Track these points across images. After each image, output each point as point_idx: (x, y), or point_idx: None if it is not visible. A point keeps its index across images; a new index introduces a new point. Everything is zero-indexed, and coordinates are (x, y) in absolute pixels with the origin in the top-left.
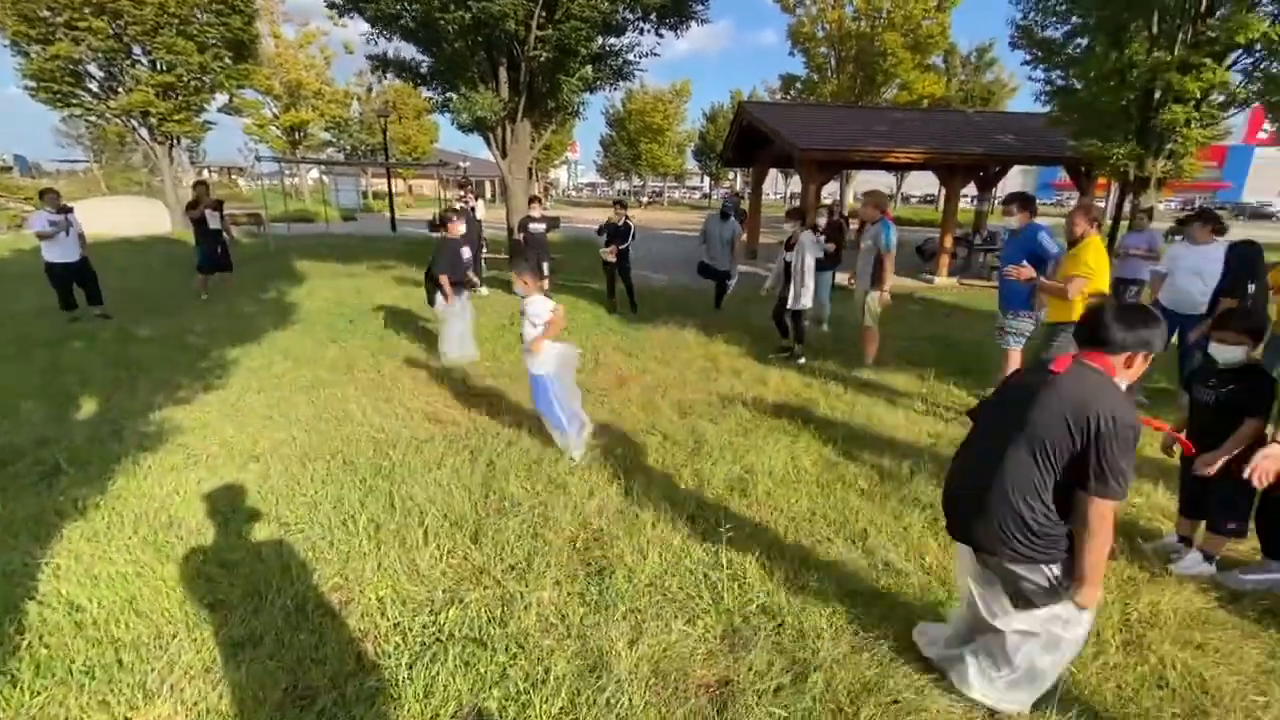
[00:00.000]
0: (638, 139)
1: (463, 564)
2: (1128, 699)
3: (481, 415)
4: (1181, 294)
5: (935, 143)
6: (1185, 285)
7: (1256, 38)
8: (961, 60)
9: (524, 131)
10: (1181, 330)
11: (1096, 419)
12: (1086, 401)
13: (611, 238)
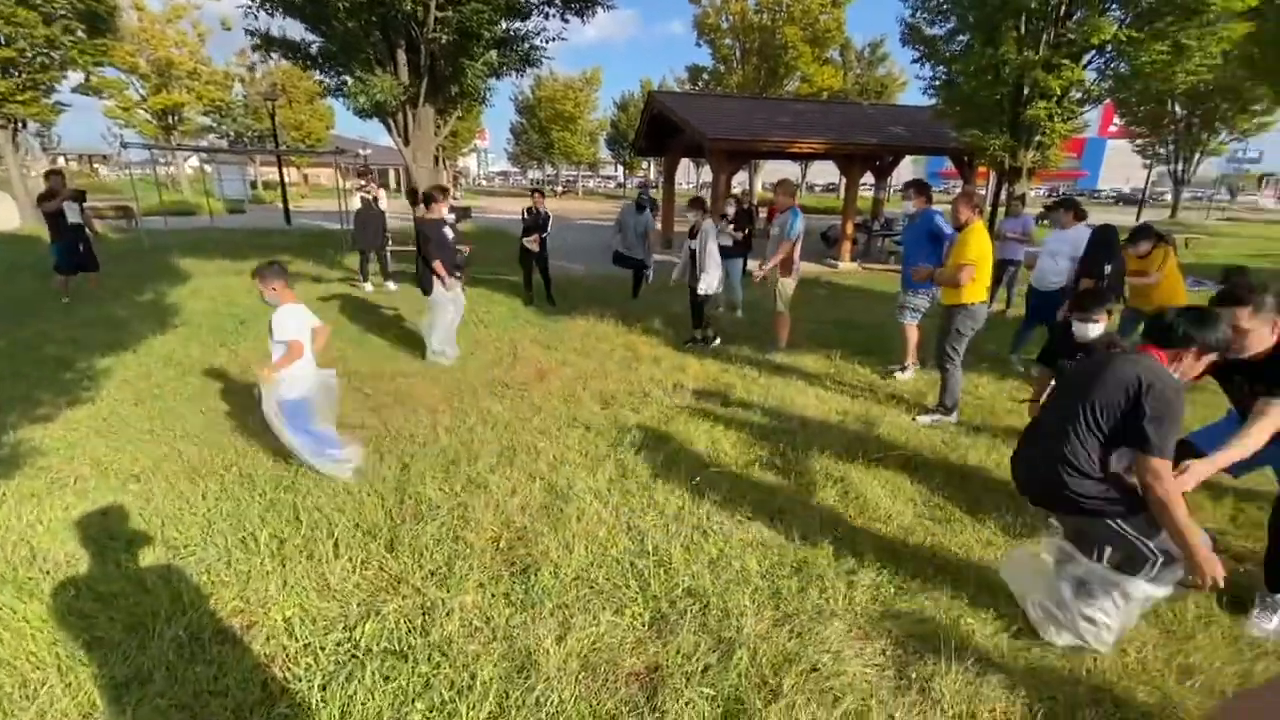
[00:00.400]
0: (549, 127)
1: (378, 574)
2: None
3: (393, 416)
4: (1042, 273)
5: (834, 134)
6: (1045, 265)
7: (1108, 39)
8: (857, 55)
9: (427, 117)
10: (1050, 307)
11: (1146, 384)
12: (1139, 372)
13: (531, 227)
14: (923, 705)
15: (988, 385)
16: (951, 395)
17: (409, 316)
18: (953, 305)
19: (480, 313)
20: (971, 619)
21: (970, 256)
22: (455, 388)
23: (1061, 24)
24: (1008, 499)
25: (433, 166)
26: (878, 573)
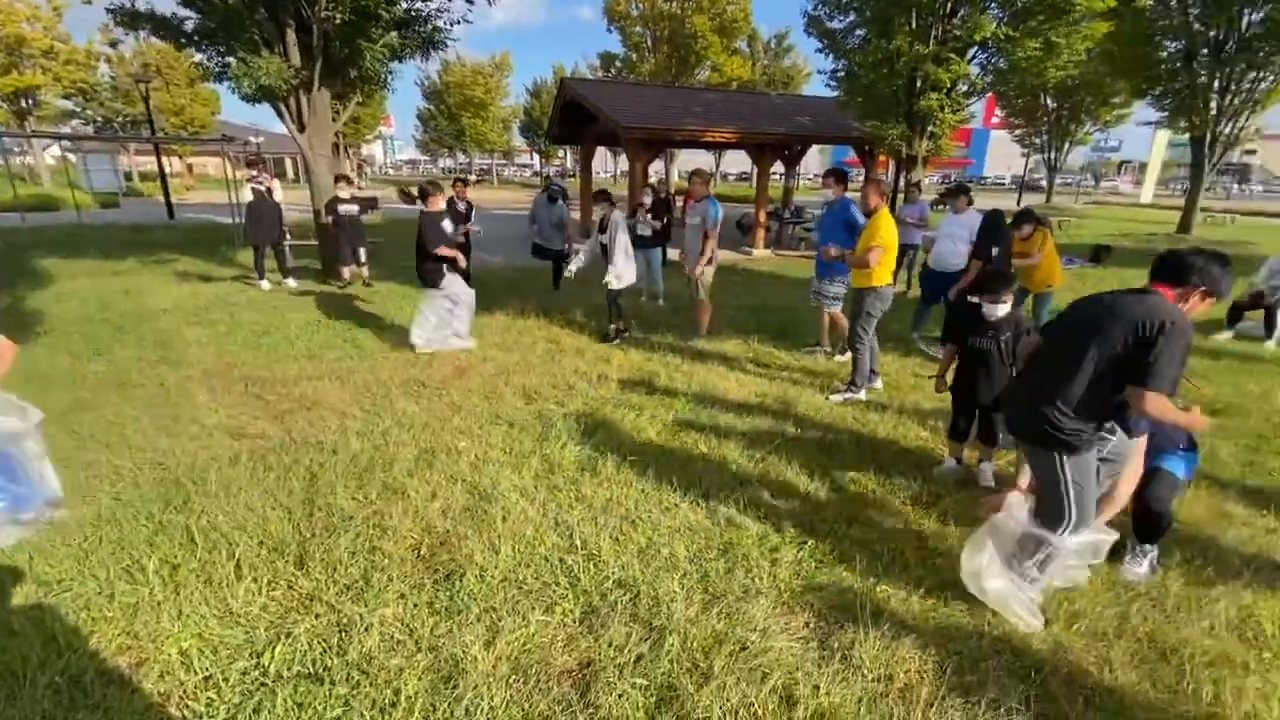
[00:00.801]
0: (459, 113)
1: (288, 594)
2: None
3: (298, 423)
4: (941, 254)
5: (745, 123)
6: (945, 248)
7: (988, 36)
8: (764, 45)
9: (323, 103)
10: (946, 287)
11: (1159, 322)
12: (1152, 312)
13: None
14: (845, 672)
15: (892, 363)
16: (861, 373)
17: (311, 315)
18: (863, 288)
19: (392, 310)
20: (886, 585)
21: (880, 240)
22: (366, 389)
23: (948, 20)
24: (913, 469)
25: (332, 155)
26: (799, 548)
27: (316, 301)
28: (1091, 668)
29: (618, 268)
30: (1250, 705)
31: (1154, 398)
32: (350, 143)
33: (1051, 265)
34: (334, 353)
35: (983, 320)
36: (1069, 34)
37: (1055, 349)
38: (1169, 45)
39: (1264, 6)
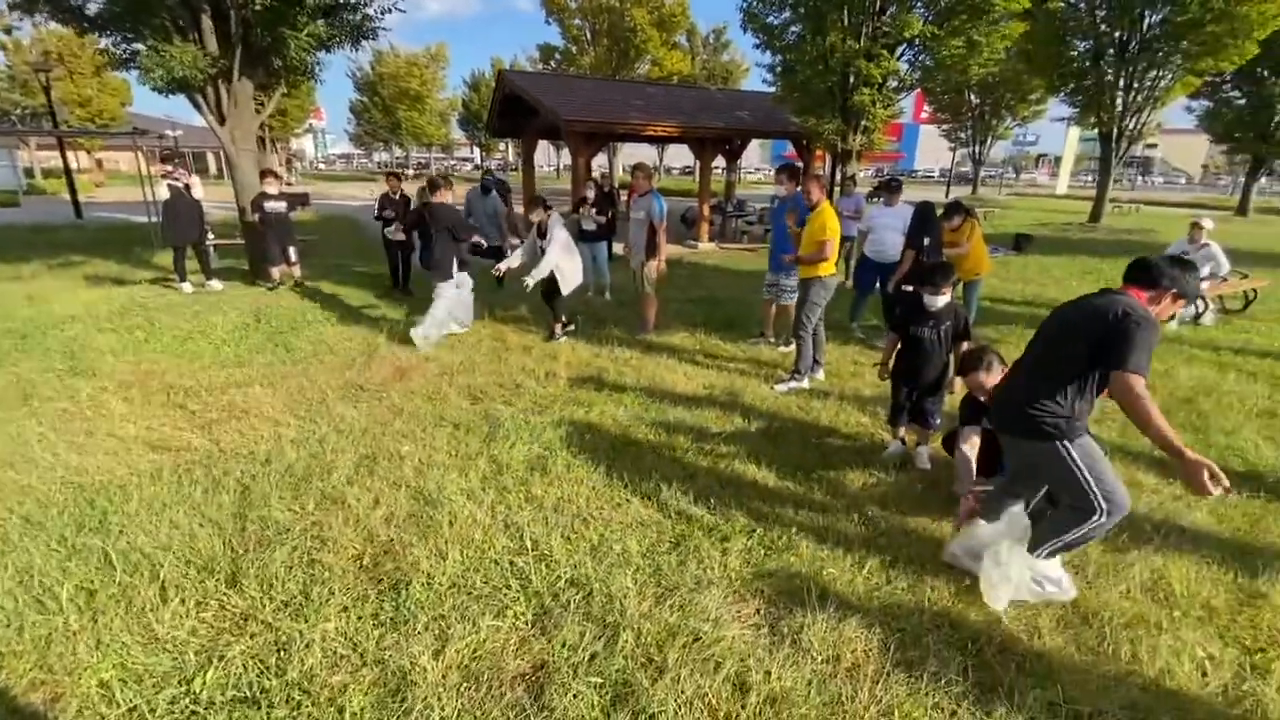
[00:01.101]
0: (394, 106)
1: (219, 615)
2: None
3: (227, 434)
4: (880, 246)
5: (686, 117)
6: (884, 239)
7: (916, 34)
8: (702, 40)
9: (244, 94)
10: (882, 277)
11: (1127, 313)
12: (1123, 304)
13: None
14: (795, 656)
15: (832, 351)
16: (805, 362)
17: (239, 318)
18: (809, 278)
19: (327, 309)
20: (832, 568)
21: (830, 233)
22: (301, 395)
23: (878, 18)
24: (854, 455)
25: (257, 149)
26: (749, 537)
27: (244, 304)
28: (1022, 635)
29: (564, 272)
30: (1164, 662)
31: (1135, 380)
32: (278, 136)
33: (979, 254)
34: (265, 357)
35: (924, 310)
36: (989, 33)
37: (1043, 352)
38: (1079, 45)
39: (1162, 9)
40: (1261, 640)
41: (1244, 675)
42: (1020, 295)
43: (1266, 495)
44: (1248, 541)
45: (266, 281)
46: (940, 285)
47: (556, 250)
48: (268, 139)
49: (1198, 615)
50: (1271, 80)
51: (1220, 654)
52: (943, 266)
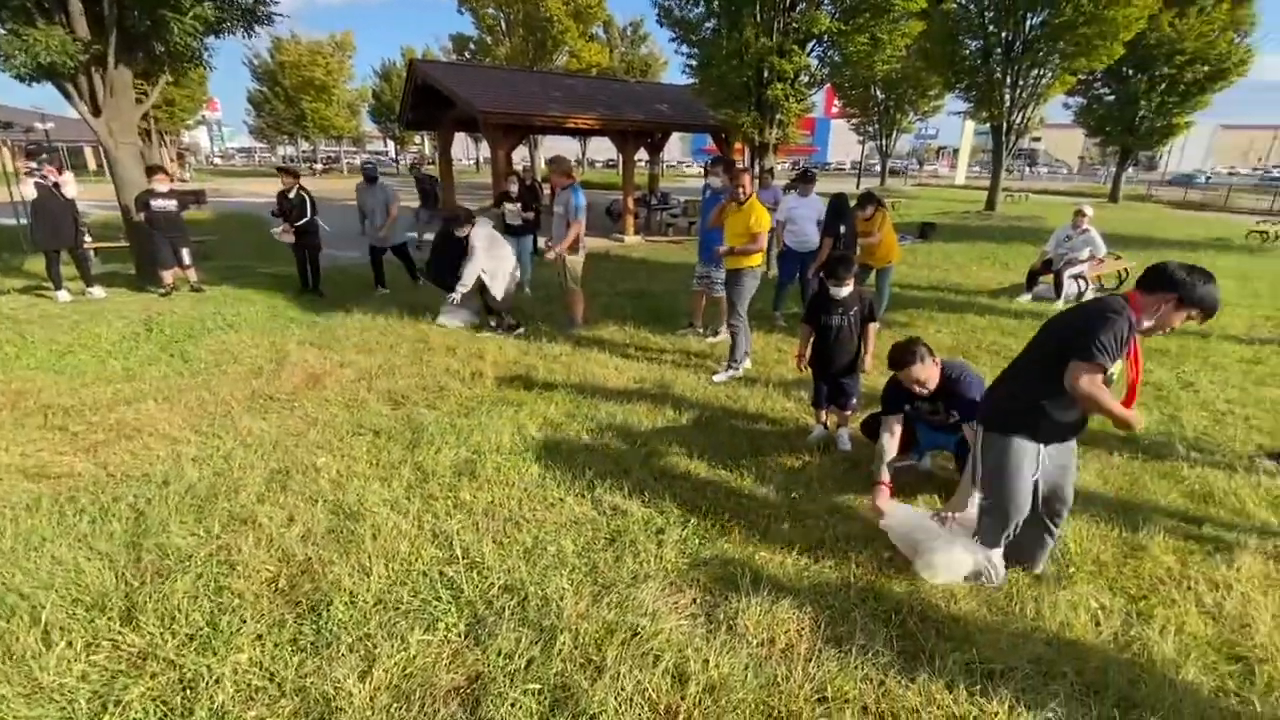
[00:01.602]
0: (298, 96)
1: (114, 656)
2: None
3: (116, 456)
4: (803, 236)
5: (607, 110)
6: (805, 229)
7: (824, 31)
8: (620, 33)
9: (122, 82)
10: (803, 265)
11: (1097, 307)
12: (1094, 303)
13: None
14: (731, 642)
15: (756, 340)
16: (741, 350)
17: (128, 328)
18: (739, 269)
19: (229, 315)
20: (764, 551)
21: (762, 226)
22: (201, 409)
23: (788, 14)
24: (781, 440)
25: (138, 142)
26: (683, 527)
27: (132, 312)
28: (940, 602)
29: (491, 275)
30: (1063, 616)
31: (1080, 368)
32: (167, 129)
33: (890, 242)
34: (159, 370)
35: (831, 300)
36: (890, 31)
37: (1024, 351)
38: (970, 44)
39: (1041, 12)
40: (1144, 588)
41: (1131, 622)
42: (927, 281)
43: (1143, 456)
44: (1128, 499)
45: (158, 287)
46: (843, 277)
47: (475, 264)
48: (154, 132)
49: (1090, 570)
50: (1136, 78)
51: (1110, 604)
52: (844, 259)
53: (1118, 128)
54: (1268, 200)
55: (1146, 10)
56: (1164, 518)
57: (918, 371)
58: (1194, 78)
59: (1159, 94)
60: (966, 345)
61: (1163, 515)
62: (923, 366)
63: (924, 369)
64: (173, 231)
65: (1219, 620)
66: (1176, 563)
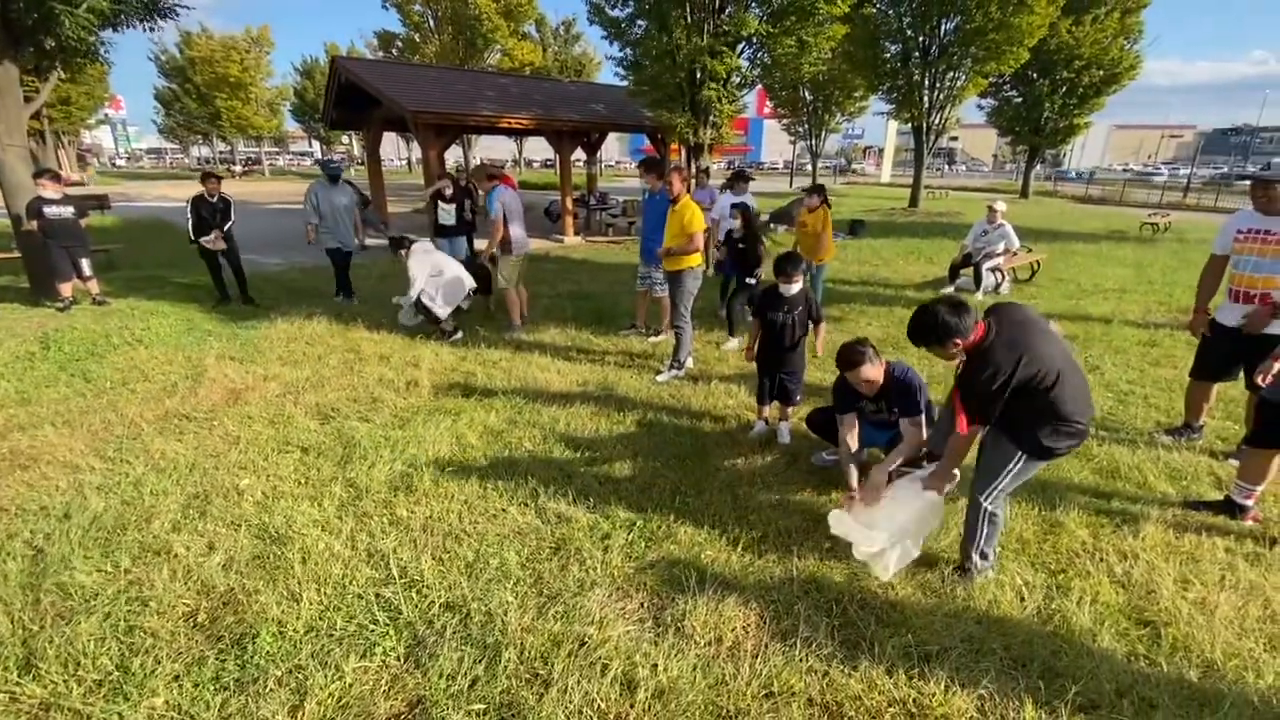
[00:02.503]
0: (212, 94)
1: (11, 707)
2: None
3: (9, 486)
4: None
5: (541, 109)
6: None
7: (753, 33)
8: (553, 32)
9: (9, 80)
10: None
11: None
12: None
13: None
14: (680, 644)
15: (699, 339)
16: (685, 350)
17: (20, 347)
18: (681, 270)
19: (138, 329)
20: (709, 549)
21: (697, 225)
22: (107, 432)
23: (718, 16)
24: (724, 437)
25: (26, 144)
26: (629, 531)
27: (26, 329)
28: (878, 589)
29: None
30: (991, 594)
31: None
32: (64, 129)
33: (829, 240)
34: (57, 391)
35: (780, 297)
36: (816, 34)
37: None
38: (891, 48)
39: (954, 18)
40: (1063, 562)
41: (1052, 595)
42: (858, 275)
43: None
44: (1046, 478)
45: (55, 300)
46: (792, 274)
47: (415, 288)
48: (48, 132)
49: (1013, 548)
50: (1040, 82)
51: (1033, 580)
52: (791, 256)
53: (1025, 128)
54: (1157, 194)
55: (1047, 18)
56: (1077, 494)
57: (866, 371)
58: (1090, 81)
59: (1060, 96)
60: (897, 337)
61: (1076, 492)
62: (871, 366)
63: (872, 369)
64: (70, 240)
65: (1128, 588)
66: (1090, 536)
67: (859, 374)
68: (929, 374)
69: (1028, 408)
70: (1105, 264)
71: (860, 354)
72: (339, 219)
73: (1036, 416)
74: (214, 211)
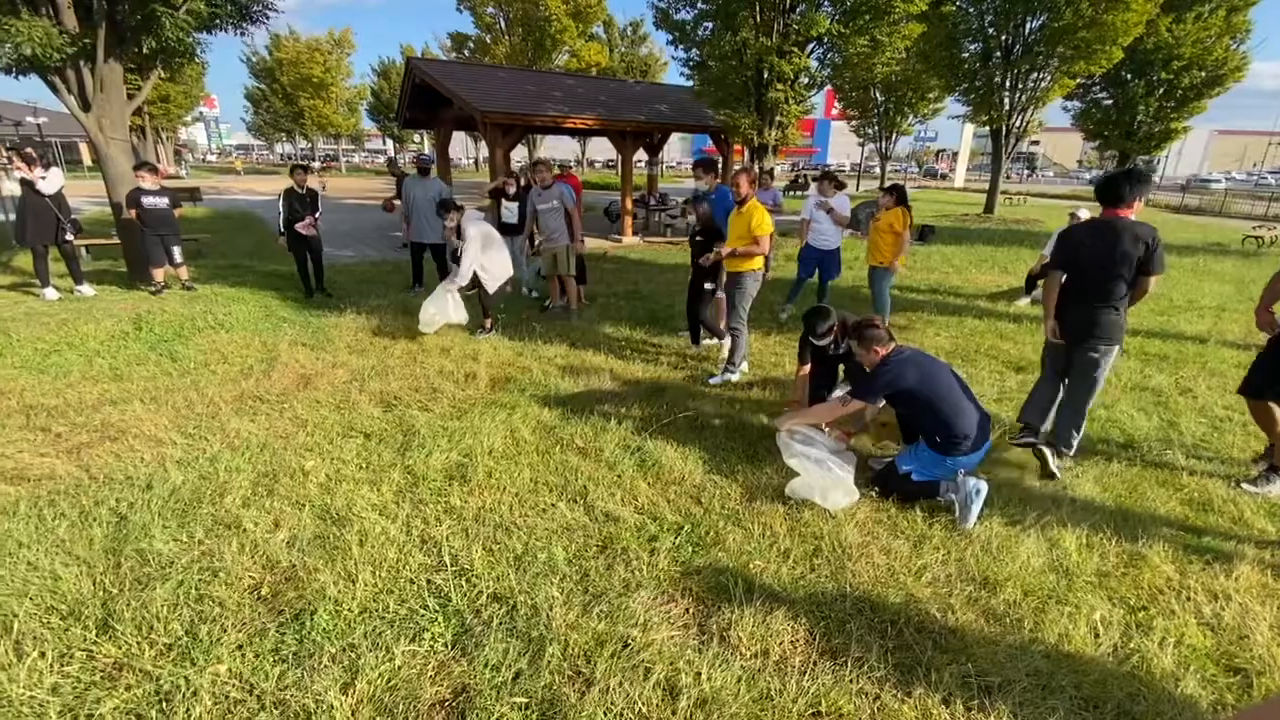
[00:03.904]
0: (296, 94)
1: (87, 667)
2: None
3: (99, 458)
4: (823, 235)
5: (605, 110)
6: (826, 229)
7: (824, 32)
8: (620, 33)
9: (113, 77)
10: (822, 263)
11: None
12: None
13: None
14: (724, 654)
15: (756, 342)
16: (740, 353)
17: (116, 326)
18: (742, 272)
19: (220, 314)
20: (758, 560)
21: (764, 229)
22: (189, 410)
23: (788, 15)
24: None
25: (128, 138)
26: (676, 535)
27: (122, 310)
28: (937, 613)
29: (487, 269)
30: (1062, 628)
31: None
32: (163, 125)
33: (898, 244)
34: (146, 370)
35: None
36: (890, 33)
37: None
38: (970, 47)
39: (1040, 16)
40: (1144, 599)
41: (1130, 634)
42: (925, 284)
43: (1143, 463)
44: (1128, 507)
45: (148, 284)
46: (819, 331)
47: (474, 250)
48: (148, 128)
49: (1088, 580)
50: (1134, 83)
51: (1109, 615)
52: (817, 311)
53: (1116, 132)
54: (1263, 205)
55: (1144, 15)
56: (1163, 526)
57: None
58: (1191, 83)
59: (1156, 99)
60: (965, 349)
61: (1162, 524)
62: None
63: (867, 357)
64: (164, 229)
65: (1218, 631)
66: (1176, 572)
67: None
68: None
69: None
70: (1202, 279)
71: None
72: (422, 212)
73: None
74: (303, 202)
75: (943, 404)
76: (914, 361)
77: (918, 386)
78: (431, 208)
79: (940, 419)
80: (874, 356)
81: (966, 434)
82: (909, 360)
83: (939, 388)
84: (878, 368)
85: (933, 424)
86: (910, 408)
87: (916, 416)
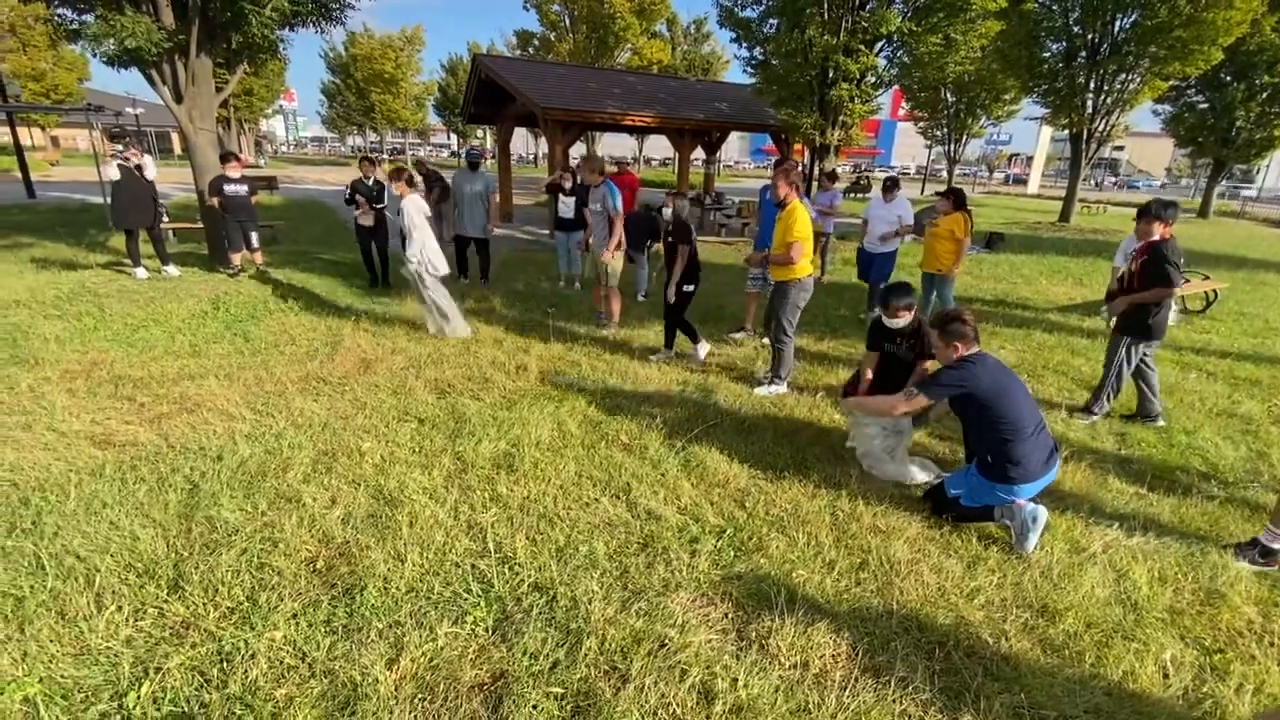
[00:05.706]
0: (368, 89)
1: (158, 623)
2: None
3: (176, 428)
4: (874, 239)
5: (665, 108)
6: (879, 231)
7: (894, 30)
8: (683, 30)
9: (203, 71)
10: (872, 266)
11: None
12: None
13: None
14: (762, 662)
15: (808, 347)
16: (786, 366)
17: (196, 306)
18: (787, 280)
19: (290, 298)
20: (802, 569)
21: (797, 234)
22: (258, 387)
23: (857, 13)
24: (829, 452)
25: (215, 129)
26: (718, 538)
27: (202, 291)
28: (989, 638)
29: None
30: (1127, 664)
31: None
32: (245, 117)
33: (955, 250)
34: (222, 347)
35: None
36: (966, 31)
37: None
38: (1052, 46)
39: (1132, 13)
40: (1220, 641)
41: (1204, 677)
42: (992, 293)
43: (1225, 496)
44: (1208, 542)
45: (227, 268)
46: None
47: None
48: (233, 119)
49: (1159, 616)
50: (1234, 86)
51: (1181, 655)
52: (897, 288)
53: (1211, 138)
54: None
55: (1249, 14)
56: (1247, 565)
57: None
58: None
59: (1259, 104)
60: (1032, 364)
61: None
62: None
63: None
64: (243, 215)
65: None
66: (1258, 615)
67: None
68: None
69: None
70: None
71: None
72: (469, 205)
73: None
74: (369, 193)
75: (1002, 421)
76: (990, 368)
77: (985, 395)
78: (479, 202)
79: (997, 437)
80: (952, 353)
81: (1020, 461)
82: (986, 365)
83: (1004, 403)
84: (951, 365)
85: (988, 441)
86: (970, 415)
87: (974, 428)
